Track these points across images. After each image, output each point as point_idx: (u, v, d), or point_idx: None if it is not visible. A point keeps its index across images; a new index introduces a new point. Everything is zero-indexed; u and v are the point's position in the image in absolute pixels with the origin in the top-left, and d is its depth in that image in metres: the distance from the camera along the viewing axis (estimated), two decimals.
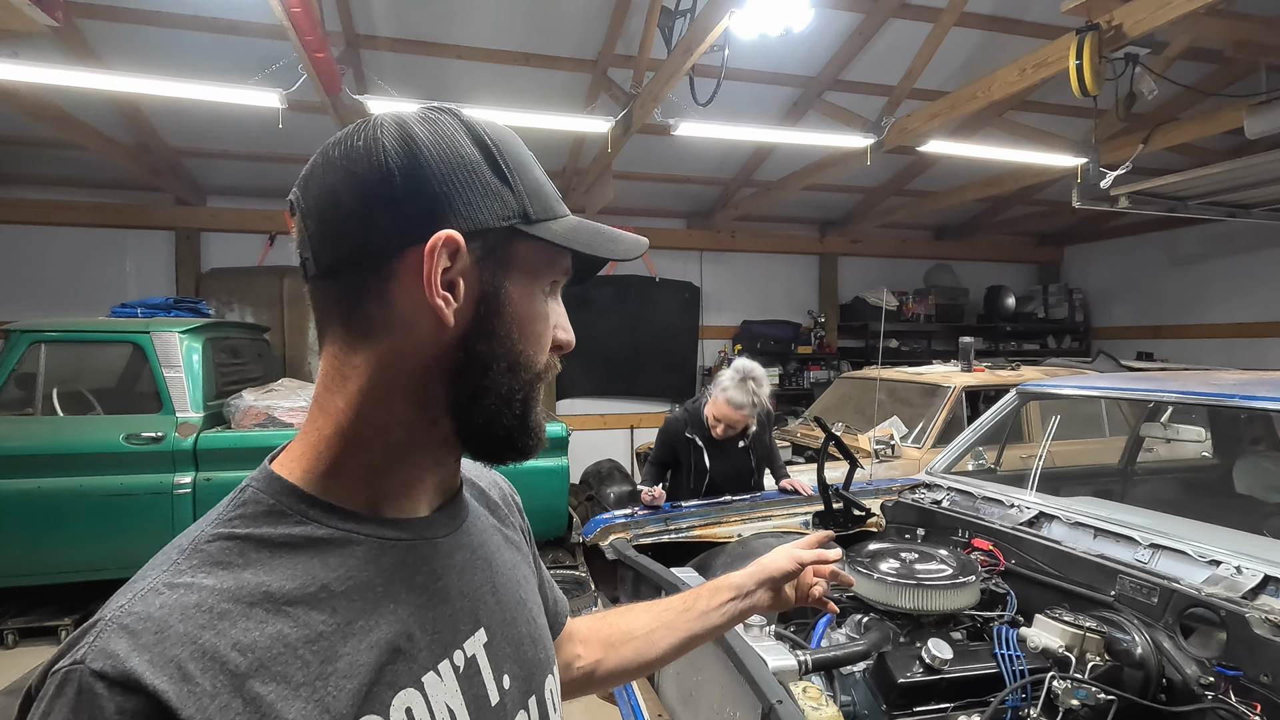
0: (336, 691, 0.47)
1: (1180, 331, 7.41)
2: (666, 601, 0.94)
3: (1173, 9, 2.66)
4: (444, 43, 4.43)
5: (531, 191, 0.57)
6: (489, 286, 0.55)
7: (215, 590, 0.46)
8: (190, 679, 0.42)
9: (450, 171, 0.54)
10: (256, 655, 0.45)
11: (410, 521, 0.58)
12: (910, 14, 4.37)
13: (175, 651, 0.42)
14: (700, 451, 2.96)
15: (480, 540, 0.66)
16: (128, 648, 0.42)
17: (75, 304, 5.50)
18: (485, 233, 0.55)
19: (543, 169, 0.61)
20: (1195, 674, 1.54)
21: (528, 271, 0.58)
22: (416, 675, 0.53)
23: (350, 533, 0.53)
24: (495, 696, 0.59)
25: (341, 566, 0.52)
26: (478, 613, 0.61)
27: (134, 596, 0.45)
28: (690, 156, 5.88)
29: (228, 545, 0.49)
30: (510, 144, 0.58)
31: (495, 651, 0.61)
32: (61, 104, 4.21)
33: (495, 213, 0.55)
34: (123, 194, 5.83)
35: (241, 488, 0.54)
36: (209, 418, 3.93)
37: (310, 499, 0.53)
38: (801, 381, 7.37)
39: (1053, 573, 1.96)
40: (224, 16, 3.96)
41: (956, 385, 4.45)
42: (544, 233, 0.57)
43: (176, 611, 0.44)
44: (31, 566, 3.69)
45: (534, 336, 0.58)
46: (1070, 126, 5.35)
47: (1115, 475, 3.26)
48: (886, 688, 1.60)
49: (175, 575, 0.47)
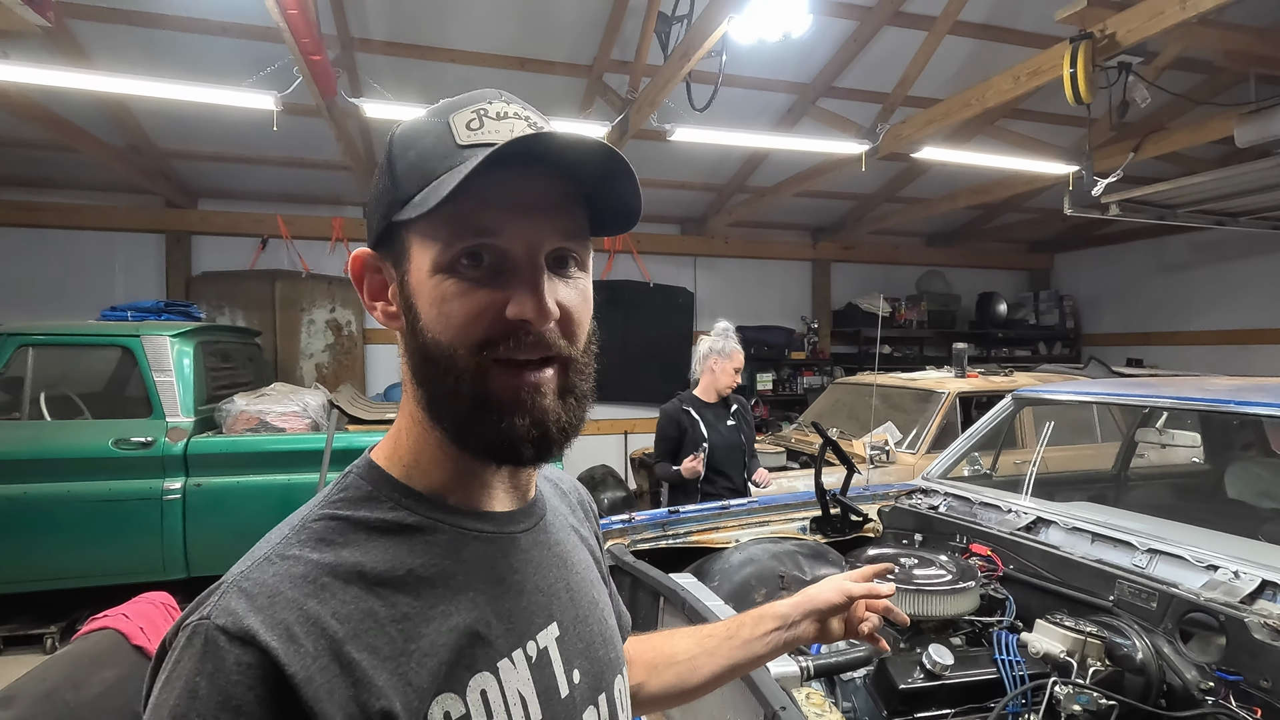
0: (418, 667, 0.51)
1: (1169, 338, 7.49)
2: (710, 628, 0.93)
3: (1165, 18, 2.69)
4: (439, 46, 4.43)
5: (408, 171, 0.55)
6: (400, 285, 0.57)
7: (318, 564, 0.51)
8: (296, 640, 0.47)
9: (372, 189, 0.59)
10: (351, 625, 0.49)
11: (493, 515, 0.61)
12: (904, 22, 4.40)
13: (284, 615, 0.47)
14: (697, 424, 3.23)
15: (557, 538, 0.68)
16: (246, 608, 0.47)
17: (64, 307, 5.44)
18: (382, 236, 0.57)
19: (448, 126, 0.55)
20: (1195, 679, 1.54)
21: (418, 255, 0.55)
22: (492, 661, 0.55)
23: (437, 521, 0.57)
24: (565, 690, 0.61)
25: (427, 553, 0.55)
26: (551, 607, 0.62)
27: (252, 564, 0.51)
28: (684, 162, 5.89)
29: (331, 525, 0.54)
30: (407, 130, 0.57)
31: (567, 646, 0.63)
32: (50, 105, 4.17)
33: (383, 212, 0.56)
34: (112, 196, 5.78)
35: (345, 473, 0.60)
36: (200, 422, 3.89)
37: (403, 487, 0.57)
38: (795, 387, 7.39)
39: (1051, 578, 1.96)
40: (217, 18, 3.94)
41: (950, 391, 4.47)
42: (408, 212, 0.53)
43: (286, 580, 0.49)
44: (18, 573, 3.63)
45: (438, 324, 0.54)
46: (1062, 135, 5.40)
47: (1109, 481, 3.27)
48: (887, 694, 1.59)
49: (286, 548, 0.52)
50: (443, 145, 0.55)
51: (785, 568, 2.24)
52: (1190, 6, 2.55)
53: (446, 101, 0.59)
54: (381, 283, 0.59)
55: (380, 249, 0.58)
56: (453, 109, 0.57)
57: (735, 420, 3.30)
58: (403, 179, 0.55)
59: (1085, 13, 2.92)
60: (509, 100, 0.58)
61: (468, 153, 0.53)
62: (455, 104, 0.58)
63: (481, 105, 0.57)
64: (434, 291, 0.54)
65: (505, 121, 0.56)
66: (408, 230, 0.55)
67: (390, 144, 0.58)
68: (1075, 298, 8.45)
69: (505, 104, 0.58)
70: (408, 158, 0.55)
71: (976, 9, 4.34)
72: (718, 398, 3.32)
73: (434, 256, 0.54)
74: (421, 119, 0.58)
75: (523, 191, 0.54)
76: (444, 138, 0.55)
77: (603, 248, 6.83)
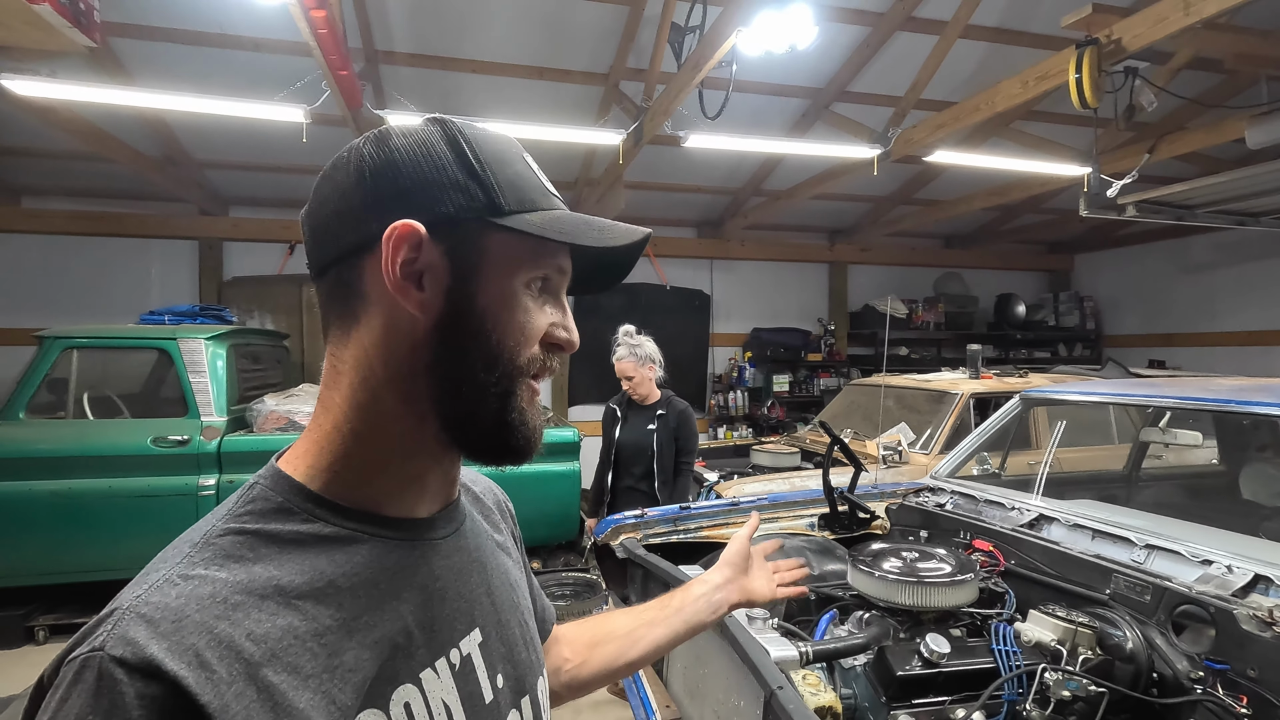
0: (341, 684, 0.49)
1: (1192, 340, 7.40)
2: (646, 605, 1.00)
3: (1170, 23, 2.72)
4: (460, 58, 4.56)
5: (506, 184, 0.57)
6: (458, 278, 0.56)
7: (228, 582, 0.47)
8: (207, 666, 0.43)
9: (417, 168, 0.55)
10: (269, 646, 0.46)
11: (413, 522, 0.59)
12: (916, 26, 4.45)
13: (192, 640, 0.43)
14: (617, 423, 3.39)
15: (476, 543, 0.67)
16: (147, 635, 0.43)
17: (104, 311, 5.68)
18: (452, 225, 0.55)
19: (531, 166, 0.61)
20: (1185, 668, 1.59)
21: (503, 263, 0.57)
22: (415, 671, 0.54)
23: (355, 531, 0.55)
24: (489, 695, 0.61)
25: (347, 564, 0.53)
26: (473, 613, 0.62)
27: (150, 587, 0.46)
28: (700, 167, 5.97)
29: (238, 540, 0.50)
30: (488, 142, 0.58)
31: (490, 651, 0.63)
32: (93, 119, 4.37)
33: (460, 205, 0.55)
34: (149, 205, 6.01)
35: (250, 485, 0.56)
36: (232, 422, 4.05)
37: (316, 497, 0.55)
38: (811, 389, 7.42)
39: (1051, 572, 2.02)
40: (250, 35, 4.11)
41: (964, 392, 4.49)
42: (516, 223, 0.55)
43: (193, 601, 0.45)
44: (62, 565, 3.81)
45: (510, 330, 0.57)
46: (1077, 136, 5.40)
47: (1120, 481, 3.29)
48: (886, 680, 1.66)
49: (189, 567, 0.48)
50: (535, 181, 0.60)
51: None
52: (1193, 12, 2.58)
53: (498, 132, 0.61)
54: (411, 263, 0.55)
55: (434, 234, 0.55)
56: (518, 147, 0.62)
57: (655, 425, 3.32)
58: (495, 187, 0.56)
59: (1091, 18, 2.96)
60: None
61: (555, 200, 0.61)
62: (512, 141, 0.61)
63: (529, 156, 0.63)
64: (516, 300, 0.58)
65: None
66: (492, 235, 0.57)
67: (468, 143, 0.57)
68: (1096, 299, 8.37)
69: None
70: (505, 172, 0.58)
71: (988, 13, 4.37)
72: (640, 400, 3.36)
73: (527, 270, 0.58)
74: (495, 134, 0.60)
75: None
76: (531, 174, 0.60)
77: None
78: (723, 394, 7.32)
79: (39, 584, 3.89)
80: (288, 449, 0.59)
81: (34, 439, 3.76)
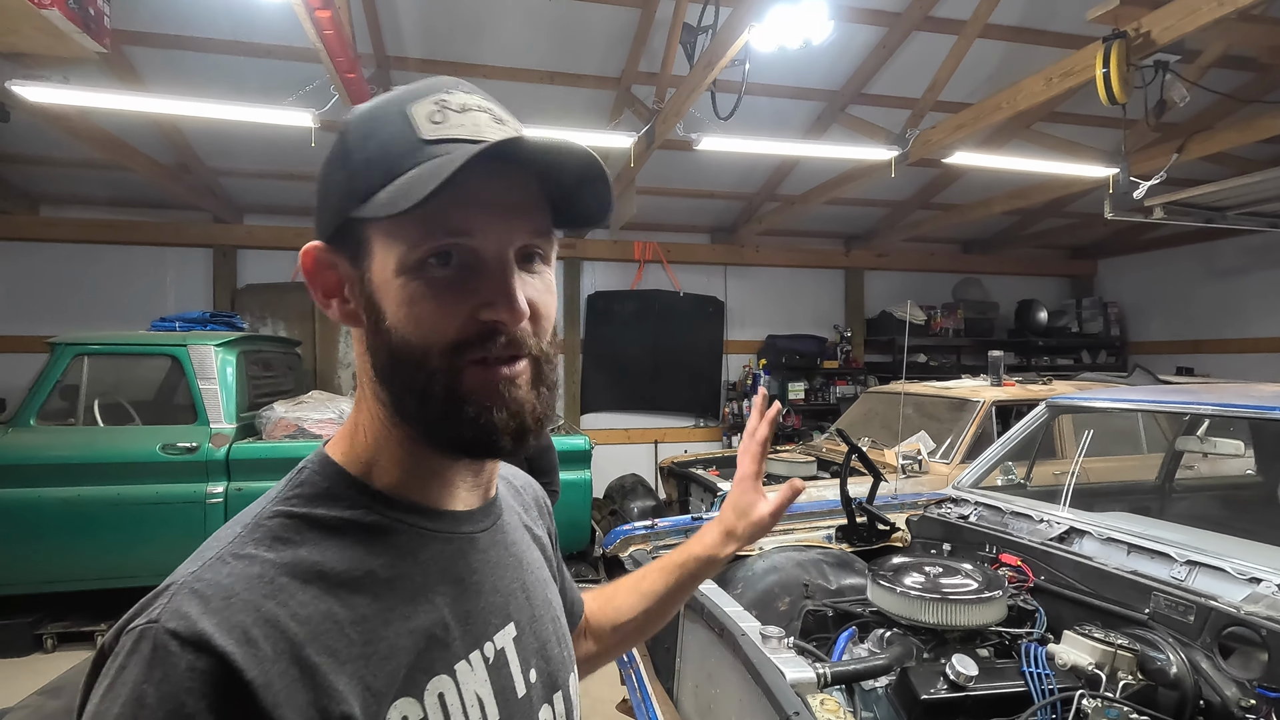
0: (376, 671, 0.49)
1: (1221, 346, 7.19)
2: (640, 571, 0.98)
3: (1202, 15, 2.61)
4: (470, 62, 4.54)
5: (365, 164, 0.52)
6: (360, 282, 0.55)
7: (275, 564, 0.49)
8: (254, 643, 0.44)
9: (322, 179, 0.56)
10: (311, 627, 0.47)
11: (452, 514, 0.60)
12: (934, 26, 4.36)
13: (240, 617, 0.45)
14: None
15: (513, 538, 0.68)
16: (199, 610, 0.45)
17: (120, 319, 5.69)
18: (337, 231, 0.55)
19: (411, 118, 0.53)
20: (1235, 696, 1.48)
21: (382, 254, 0.53)
22: (450, 663, 0.55)
23: (396, 521, 0.56)
24: (522, 689, 0.61)
25: (386, 554, 0.54)
26: (508, 608, 0.63)
27: (203, 564, 0.48)
28: (713, 171, 5.91)
29: (287, 522, 0.52)
30: (362, 120, 0.54)
31: (523, 646, 0.63)
32: (107, 127, 4.40)
33: (339, 207, 0.54)
34: (163, 213, 6.05)
35: (299, 469, 0.57)
36: (241, 429, 4.03)
37: (360, 484, 0.56)
38: (827, 396, 7.30)
39: (1084, 589, 1.91)
40: (261, 41, 4.12)
41: (986, 400, 4.37)
42: (368, 211, 0.51)
43: (242, 580, 0.47)
44: (70, 572, 3.80)
45: (407, 324, 0.53)
46: (1100, 137, 5.27)
47: (1152, 492, 3.16)
48: (909, 704, 1.56)
49: (240, 547, 0.50)
50: (404, 139, 0.52)
51: (810, 576, 2.22)
52: (1227, 3, 2.47)
53: (402, 89, 0.56)
54: (336, 279, 0.56)
55: (334, 244, 0.55)
56: (410, 98, 0.54)
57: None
58: (362, 172, 0.52)
59: (1118, 11, 2.86)
60: (469, 90, 0.56)
61: (434, 149, 0.51)
62: (412, 93, 0.55)
63: (441, 96, 0.54)
64: (402, 291, 0.52)
65: (469, 115, 0.54)
66: (369, 226, 0.53)
67: (344, 133, 0.55)
68: (1121, 304, 8.18)
69: (466, 94, 0.55)
70: (366, 150, 0.53)
71: (1009, 12, 4.27)
72: None
73: (400, 255, 0.52)
74: (377, 106, 0.55)
75: (498, 192, 0.53)
76: (404, 130, 0.52)
77: (633, 258, 6.87)
78: (737, 402, 7.22)
79: (47, 591, 3.87)
80: (334, 435, 0.61)
81: (45, 445, 3.75)
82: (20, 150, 4.99)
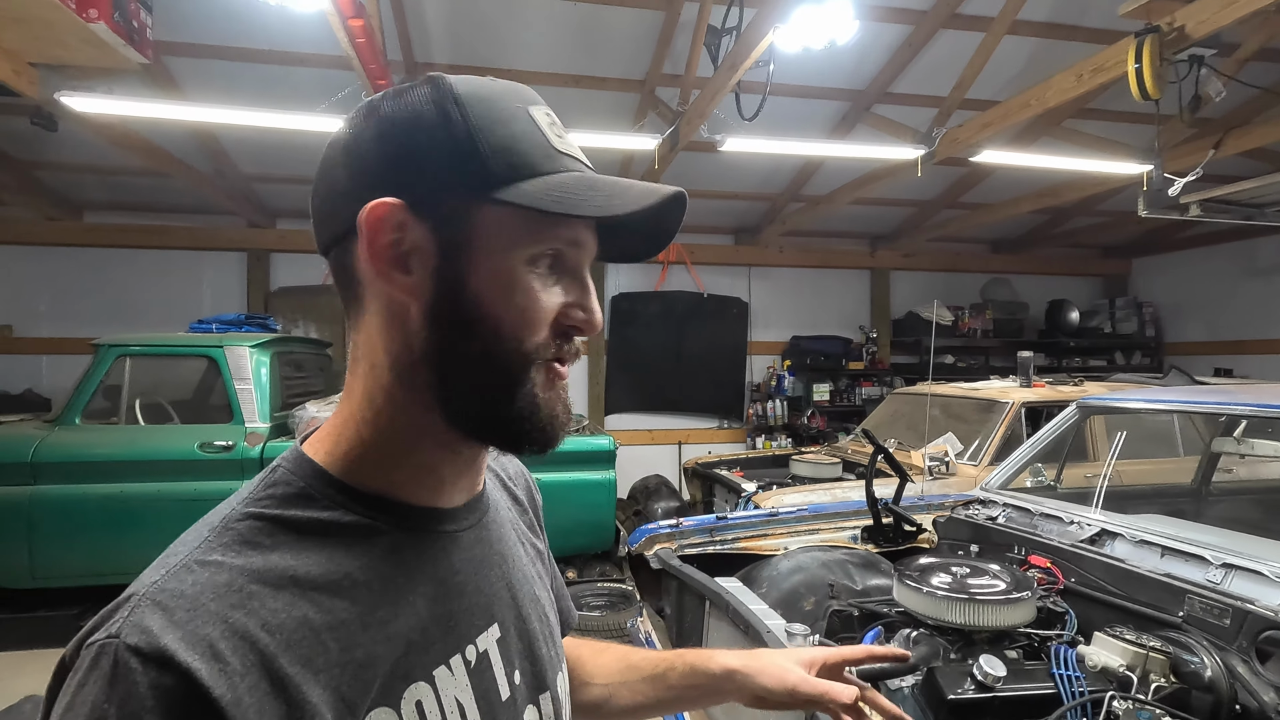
0: (353, 680, 0.47)
1: (1262, 347, 6.99)
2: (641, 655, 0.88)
3: (1238, 8, 2.55)
4: (497, 67, 4.60)
5: (498, 149, 0.51)
6: (447, 258, 0.52)
7: (244, 570, 0.46)
8: (221, 657, 0.42)
9: (401, 139, 0.51)
10: (283, 637, 0.45)
11: (434, 512, 0.57)
12: (961, 24, 4.31)
13: (207, 630, 0.43)
14: None
15: (499, 534, 0.65)
16: (161, 624, 0.42)
17: (159, 321, 5.87)
18: (437, 200, 0.51)
19: (537, 123, 0.54)
20: (1274, 701, 1.45)
21: (497, 240, 0.52)
22: (428, 669, 0.53)
23: (374, 520, 0.53)
24: (505, 692, 0.59)
25: (365, 555, 0.51)
26: (492, 608, 0.61)
27: (167, 573, 0.45)
28: (737, 172, 5.90)
29: (257, 525, 0.49)
30: (482, 101, 0.52)
31: (507, 647, 0.61)
32: (150, 136, 4.54)
33: (443, 178, 0.51)
34: (199, 218, 6.22)
35: (272, 467, 0.54)
36: (275, 428, 4.13)
37: (337, 483, 0.53)
38: (853, 398, 7.24)
39: (1116, 592, 1.88)
40: (295, 50, 4.22)
41: (1015, 401, 4.31)
42: (506, 195, 0.50)
43: (208, 590, 0.44)
44: (113, 566, 3.92)
45: (510, 313, 0.52)
46: (1133, 134, 5.16)
47: (1187, 495, 3.09)
48: (936, 704, 1.55)
49: (206, 553, 0.47)
50: (536, 141, 0.53)
51: (835, 577, 2.22)
52: None
53: (503, 84, 0.55)
54: (394, 245, 0.52)
55: (416, 210, 0.51)
56: (520, 99, 0.55)
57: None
58: (491, 155, 0.51)
59: (1151, 5, 2.81)
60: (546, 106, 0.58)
61: (566, 161, 0.54)
62: (516, 93, 0.55)
63: (543, 107, 0.56)
64: (513, 279, 0.52)
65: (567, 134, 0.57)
66: (482, 206, 0.51)
67: (459, 102, 0.52)
68: (1155, 305, 7.99)
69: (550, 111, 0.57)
70: (498, 134, 0.51)
71: (1038, 7, 4.21)
72: None
73: (526, 246, 0.52)
74: (495, 90, 0.54)
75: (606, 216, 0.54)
76: (533, 132, 0.53)
77: (656, 259, 6.89)
78: (761, 403, 7.20)
79: (91, 585, 4.00)
80: (313, 432, 0.57)
81: (89, 444, 3.88)
82: (67, 159, 5.17)
